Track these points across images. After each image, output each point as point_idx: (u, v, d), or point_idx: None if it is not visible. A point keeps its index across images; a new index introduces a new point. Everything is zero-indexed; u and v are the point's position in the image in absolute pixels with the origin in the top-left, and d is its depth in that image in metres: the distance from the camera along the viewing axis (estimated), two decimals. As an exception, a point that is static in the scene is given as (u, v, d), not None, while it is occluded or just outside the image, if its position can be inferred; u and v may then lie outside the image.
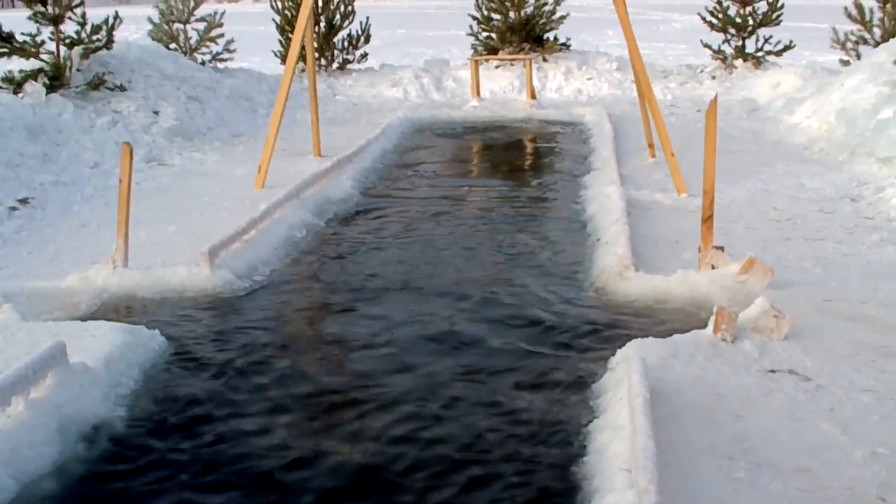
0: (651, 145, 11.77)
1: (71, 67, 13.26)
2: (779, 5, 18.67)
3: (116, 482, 4.55)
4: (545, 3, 20.11)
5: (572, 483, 4.39)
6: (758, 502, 3.99)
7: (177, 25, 18.83)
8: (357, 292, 7.37)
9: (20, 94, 12.32)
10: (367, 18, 20.27)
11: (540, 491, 4.39)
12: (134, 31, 21.16)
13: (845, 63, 16.70)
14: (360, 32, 20.35)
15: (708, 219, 7.08)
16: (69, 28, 13.66)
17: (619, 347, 5.66)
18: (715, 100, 7.18)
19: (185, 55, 18.13)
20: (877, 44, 16.49)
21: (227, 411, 5.29)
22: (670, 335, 5.72)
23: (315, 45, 13.37)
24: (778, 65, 18.58)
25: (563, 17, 20.20)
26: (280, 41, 20.25)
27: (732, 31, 19.12)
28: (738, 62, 18.97)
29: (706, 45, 19.45)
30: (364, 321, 6.71)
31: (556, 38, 20.19)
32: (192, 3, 18.77)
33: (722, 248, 7.08)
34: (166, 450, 4.85)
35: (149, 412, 5.28)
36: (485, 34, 20.47)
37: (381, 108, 17.46)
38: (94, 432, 4.96)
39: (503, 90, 18.84)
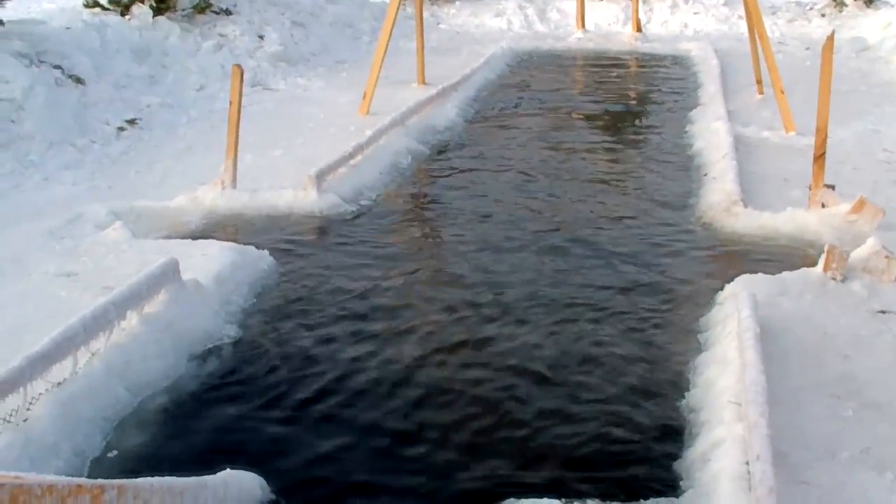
0: (759, 82, 11.57)
1: (178, -9, 13.36)
2: (894, -59, 18.16)
3: (226, 398, 4.66)
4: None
5: (678, 415, 4.42)
6: (864, 442, 3.97)
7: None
8: (462, 217, 7.41)
9: (127, 17, 12.46)
10: (472, -54, 20.13)
11: (646, 414, 4.43)
12: (238, -45, 21.16)
13: (962, 2, 16.25)
14: (464, -40, 20.21)
15: (820, 157, 6.97)
16: (177, -49, 13.72)
17: (727, 283, 5.64)
18: (832, 36, 7.04)
19: (290, -20, 18.16)
20: None
21: (333, 330, 5.36)
22: (778, 272, 5.67)
23: (420, -28, 13.33)
24: (890, 4, 18.06)
25: (671, -51, 19.82)
26: (384, -32, 20.19)
27: (845, -33, 18.65)
28: (849, 0, 18.51)
29: (817, -17, 19.03)
30: (468, 244, 6.76)
31: (663, -30, 19.86)
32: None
33: (833, 188, 6.98)
34: (275, 368, 4.95)
35: (258, 330, 5.38)
36: (590, -35, 20.21)
37: (484, 39, 17.39)
38: (205, 348, 5.07)
39: (608, 23, 18.63)
